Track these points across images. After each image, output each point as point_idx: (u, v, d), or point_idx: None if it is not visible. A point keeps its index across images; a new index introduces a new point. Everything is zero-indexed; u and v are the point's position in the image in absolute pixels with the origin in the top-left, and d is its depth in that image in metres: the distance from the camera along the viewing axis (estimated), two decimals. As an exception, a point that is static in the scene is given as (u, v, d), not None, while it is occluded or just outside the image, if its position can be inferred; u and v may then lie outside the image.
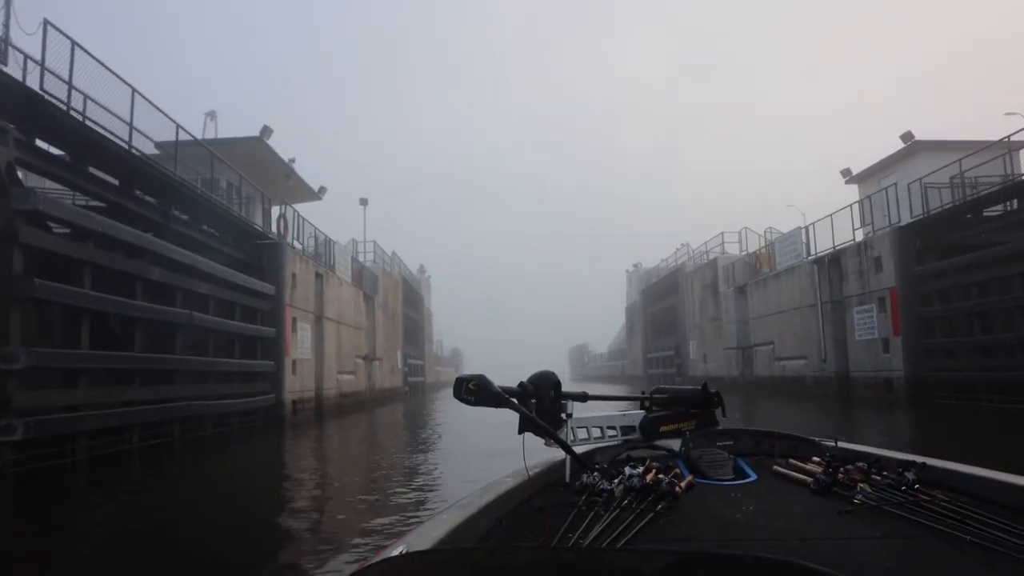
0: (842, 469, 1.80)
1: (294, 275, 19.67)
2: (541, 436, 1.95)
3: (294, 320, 19.57)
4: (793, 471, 1.95)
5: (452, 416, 22.13)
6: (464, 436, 14.94)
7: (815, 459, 2.01)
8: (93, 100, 11.37)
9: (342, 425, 20.86)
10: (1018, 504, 1.55)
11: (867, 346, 20.80)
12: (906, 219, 19.84)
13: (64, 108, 10.35)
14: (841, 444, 2.24)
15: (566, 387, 2.14)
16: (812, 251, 24.82)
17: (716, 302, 34.63)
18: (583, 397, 2.27)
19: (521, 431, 1.90)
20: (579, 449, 2.10)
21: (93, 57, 10.94)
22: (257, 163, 22.05)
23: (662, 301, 46.22)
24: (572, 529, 1.44)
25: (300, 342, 20.03)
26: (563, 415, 2.12)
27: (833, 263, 22.99)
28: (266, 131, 20.88)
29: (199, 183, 16.48)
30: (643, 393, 2.68)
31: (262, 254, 18.56)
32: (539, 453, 2.07)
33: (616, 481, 1.69)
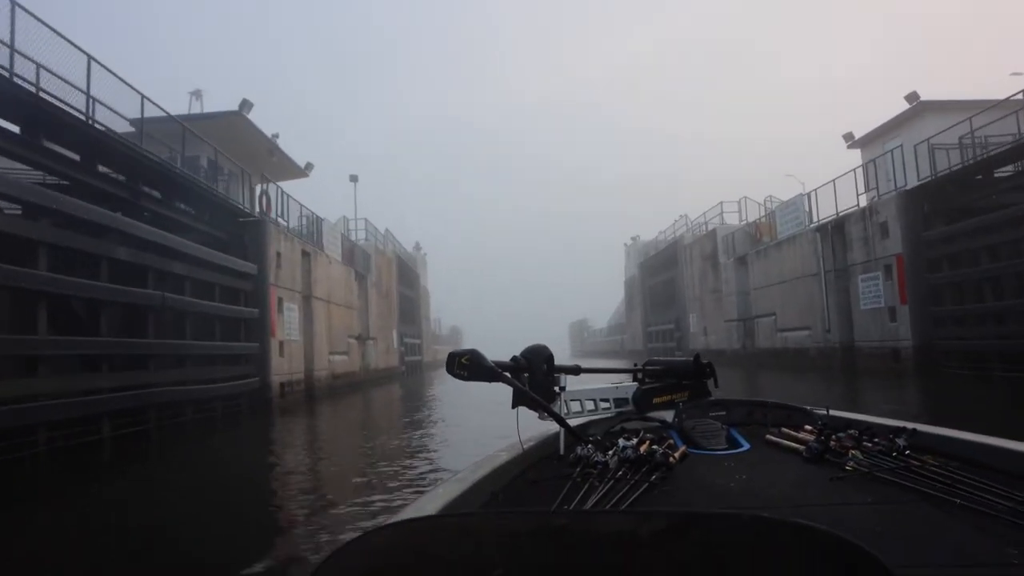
0: (834, 437, 1.80)
1: (279, 253, 18.96)
2: (535, 409, 1.95)
3: (280, 300, 18.91)
4: (785, 440, 1.95)
5: (449, 395, 21.63)
6: (464, 418, 14.45)
7: (807, 427, 2.01)
8: (46, 69, 10.59)
9: (334, 407, 20.30)
10: (1006, 467, 1.57)
11: (873, 315, 20.17)
12: (913, 182, 19.09)
13: (7, 75, 9.56)
14: (832, 412, 2.24)
15: (565, 363, 2.17)
16: (814, 219, 24.09)
17: (716, 274, 33.95)
18: (576, 370, 2.27)
19: (515, 405, 1.90)
20: (573, 422, 2.07)
21: (35, 17, 10.10)
22: (238, 139, 21.24)
23: (661, 274, 45.54)
24: (567, 501, 1.45)
25: (287, 323, 19.39)
26: (556, 388, 2.11)
27: (836, 230, 22.28)
28: (246, 105, 20.04)
29: (179, 161, 15.81)
30: (636, 365, 2.66)
31: (244, 232, 17.83)
32: (533, 427, 2.06)
33: (610, 453, 1.70)
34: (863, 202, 21.44)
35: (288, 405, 18.64)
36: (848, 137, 25.48)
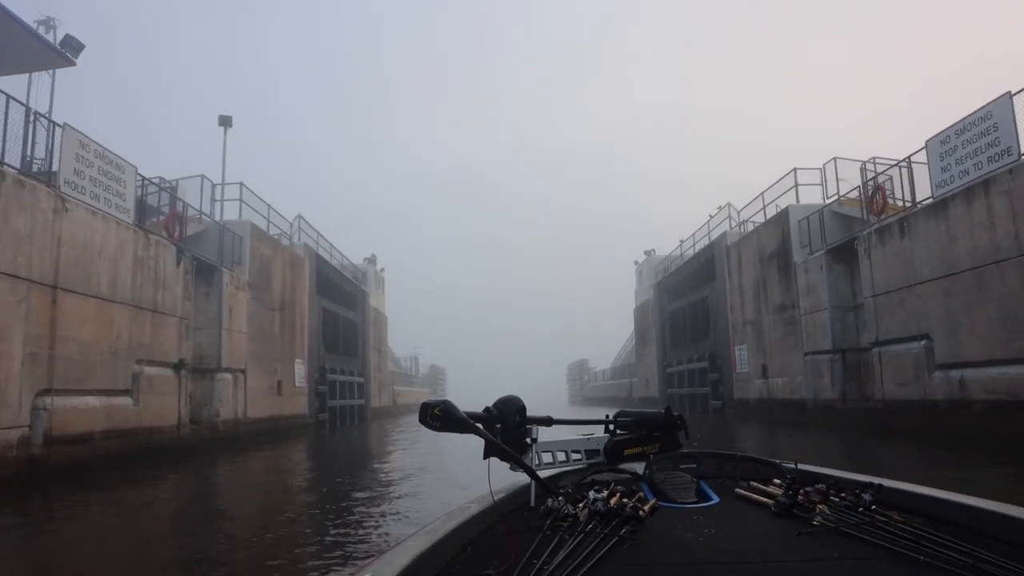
0: (802, 491, 1.83)
1: None
2: (506, 461, 1.94)
3: None
4: (755, 493, 1.99)
5: (382, 479, 9.72)
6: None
7: (776, 481, 2.06)
8: None
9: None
10: (968, 524, 1.59)
11: None
12: None
13: None
14: (801, 466, 2.24)
15: (562, 414, 2.38)
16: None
17: (786, 281, 21.67)
18: (548, 421, 2.28)
19: (486, 456, 1.89)
20: (544, 473, 2.10)
21: None
22: None
23: (688, 294, 33.12)
24: (537, 555, 1.44)
25: None
26: (528, 440, 2.13)
27: None
28: None
29: None
30: (607, 417, 2.67)
31: None
32: (505, 478, 2.02)
33: (581, 505, 1.71)
34: None
35: None
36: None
